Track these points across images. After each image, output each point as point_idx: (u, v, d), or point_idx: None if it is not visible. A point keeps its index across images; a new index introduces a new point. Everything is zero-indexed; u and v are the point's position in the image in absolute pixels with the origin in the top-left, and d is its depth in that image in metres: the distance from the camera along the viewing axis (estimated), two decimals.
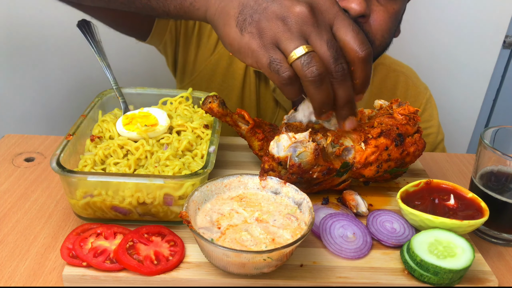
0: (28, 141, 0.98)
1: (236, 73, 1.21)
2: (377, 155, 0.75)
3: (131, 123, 0.81)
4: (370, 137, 0.76)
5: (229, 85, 1.22)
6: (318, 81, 0.63)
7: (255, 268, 0.59)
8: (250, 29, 0.65)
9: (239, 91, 1.22)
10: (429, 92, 1.33)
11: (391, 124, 0.78)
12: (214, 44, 1.21)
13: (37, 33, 1.70)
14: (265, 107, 1.24)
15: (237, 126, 0.81)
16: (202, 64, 1.22)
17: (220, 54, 1.21)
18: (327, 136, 0.75)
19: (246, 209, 0.66)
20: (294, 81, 0.64)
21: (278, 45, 0.64)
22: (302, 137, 0.71)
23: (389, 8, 0.97)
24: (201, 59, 1.22)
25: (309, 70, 0.62)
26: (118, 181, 0.66)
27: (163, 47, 1.22)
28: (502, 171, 0.75)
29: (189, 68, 1.24)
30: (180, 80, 1.28)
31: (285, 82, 0.64)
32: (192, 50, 1.22)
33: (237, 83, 1.22)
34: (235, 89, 1.22)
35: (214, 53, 1.21)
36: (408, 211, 0.70)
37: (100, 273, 0.61)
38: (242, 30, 0.65)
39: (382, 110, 0.83)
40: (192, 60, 1.23)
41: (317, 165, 0.72)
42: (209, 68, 1.22)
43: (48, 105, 1.85)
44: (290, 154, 0.71)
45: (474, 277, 0.66)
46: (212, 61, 1.21)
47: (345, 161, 0.75)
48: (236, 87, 1.22)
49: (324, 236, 0.69)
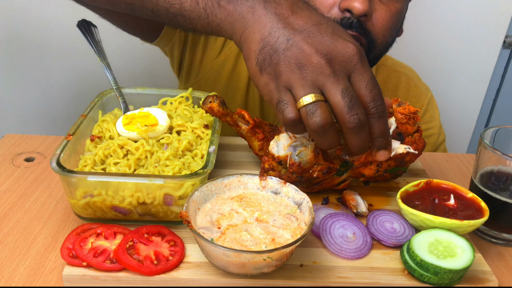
0: (28, 141, 0.98)
1: (241, 75, 1.22)
2: None
3: (131, 123, 0.81)
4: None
5: (234, 86, 1.23)
6: (320, 131, 0.63)
7: (255, 268, 0.59)
8: (268, 70, 0.65)
9: (244, 92, 1.23)
10: (430, 93, 1.33)
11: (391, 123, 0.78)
12: (220, 46, 1.21)
13: (37, 33, 1.70)
14: (268, 109, 1.24)
15: (237, 126, 0.81)
16: (208, 65, 1.23)
17: (226, 56, 1.21)
18: None
19: (246, 209, 0.66)
20: (297, 124, 0.64)
21: (290, 89, 0.64)
22: (302, 136, 0.70)
23: (391, 7, 0.97)
24: (208, 60, 1.23)
25: (313, 120, 0.62)
26: (118, 181, 0.66)
27: (170, 48, 1.22)
28: (502, 171, 0.75)
29: (194, 69, 1.24)
30: (184, 81, 1.28)
31: (288, 123, 0.64)
32: (199, 51, 1.22)
33: (242, 85, 1.22)
34: (240, 90, 1.23)
35: (220, 54, 1.21)
36: (408, 211, 0.70)
37: (100, 273, 0.61)
38: (261, 70, 0.66)
39: None
40: (198, 61, 1.23)
41: (317, 164, 0.72)
42: (214, 69, 1.22)
43: (48, 105, 1.85)
44: (290, 153, 0.71)
45: (474, 277, 0.66)
46: (218, 62, 1.22)
47: (345, 160, 0.75)
48: (241, 88, 1.22)
49: (324, 236, 0.69)
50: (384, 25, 0.98)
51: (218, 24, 0.71)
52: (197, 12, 0.72)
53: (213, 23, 0.71)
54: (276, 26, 0.65)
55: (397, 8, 0.99)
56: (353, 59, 0.64)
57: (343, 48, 0.64)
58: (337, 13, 0.93)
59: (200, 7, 0.71)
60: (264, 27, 0.66)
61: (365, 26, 0.95)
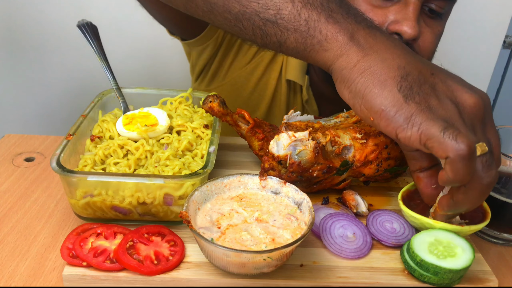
0: (28, 141, 0.98)
1: (269, 83, 1.22)
2: (377, 153, 0.76)
3: (131, 123, 0.81)
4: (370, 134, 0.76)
5: (260, 94, 1.23)
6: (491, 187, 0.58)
7: (255, 268, 0.59)
8: (417, 100, 0.57)
9: (269, 100, 1.23)
10: None
11: None
12: (253, 53, 1.21)
13: (37, 33, 1.70)
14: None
15: (238, 125, 0.82)
16: (236, 71, 1.23)
17: (257, 63, 1.21)
18: (326, 135, 0.75)
19: (246, 209, 0.66)
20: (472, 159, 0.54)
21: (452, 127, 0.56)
22: (302, 136, 0.71)
23: (435, 29, 0.98)
24: (237, 66, 1.23)
25: (490, 173, 0.57)
26: (118, 181, 0.66)
27: (202, 49, 1.20)
28: (502, 171, 0.75)
29: (221, 73, 1.24)
30: (207, 83, 1.27)
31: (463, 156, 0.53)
32: (230, 57, 1.22)
33: (268, 93, 1.22)
34: (266, 98, 1.23)
35: (252, 61, 1.21)
36: (409, 214, 0.70)
37: (100, 273, 0.61)
38: (406, 97, 0.57)
39: None
40: (227, 66, 1.23)
41: (317, 163, 0.72)
42: (243, 76, 1.22)
43: (48, 105, 1.85)
44: (290, 153, 0.71)
45: (474, 277, 0.66)
46: (248, 69, 1.22)
47: (345, 159, 0.75)
48: (267, 96, 1.23)
49: (324, 236, 0.69)
50: (430, 48, 0.98)
51: (320, 41, 0.61)
52: (296, 22, 0.62)
53: (314, 38, 0.62)
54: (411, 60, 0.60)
55: (440, 30, 0.99)
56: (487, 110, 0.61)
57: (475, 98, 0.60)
58: None
59: (301, 18, 0.62)
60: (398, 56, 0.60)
61: (413, 48, 0.95)
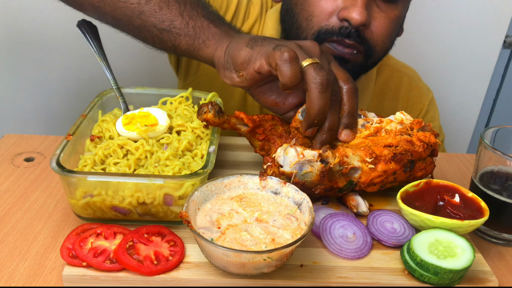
0: (28, 141, 0.98)
1: None
2: (383, 178, 0.75)
3: (131, 123, 0.81)
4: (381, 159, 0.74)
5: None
6: (325, 86, 0.69)
7: (255, 268, 0.59)
8: (260, 44, 0.75)
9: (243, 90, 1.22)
10: (431, 94, 1.33)
11: (405, 150, 0.76)
12: None
13: (37, 33, 1.70)
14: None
15: (237, 129, 0.80)
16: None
17: None
18: (335, 156, 0.73)
19: (246, 209, 0.66)
20: (294, 61, 0.68)
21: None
22: (311, 156, 0.69)
23: (390, 14, 0.97)
24: None
25: (321, 73, 0.69)
26: (118, 181, 0.66)
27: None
28: (502, 171, 0.75)
29: (193, 67, 1.24)
30: (183, 78, 1.28)
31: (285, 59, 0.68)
32: None
33: None
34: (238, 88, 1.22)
35: None
36: (408, 211, 0.70)
37: (100, 273, 0.61)
38: (252, 47, 0.75)
39: (402, 128, 0.79)
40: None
41: (321, 184, 0.72)
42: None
43: (48, 105, 1.84)
44: (295, 172, 0.69)
45: (474, 277, 0.66)
46: None
47: (350, 180, 0.75)
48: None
49: (324, 236, 0.69)
50: (383, 33, 0.98)
51: (204, 40, 0.83)
52: (186, 29, 0.83)
53: (199, 39, 0.83)
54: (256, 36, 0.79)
55: (396, 14, 0.98)
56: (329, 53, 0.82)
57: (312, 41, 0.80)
58: (335, 22, 0.94)
59: (189, 26, 0.83)
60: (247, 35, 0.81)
61: (363, 35, 0.95)
